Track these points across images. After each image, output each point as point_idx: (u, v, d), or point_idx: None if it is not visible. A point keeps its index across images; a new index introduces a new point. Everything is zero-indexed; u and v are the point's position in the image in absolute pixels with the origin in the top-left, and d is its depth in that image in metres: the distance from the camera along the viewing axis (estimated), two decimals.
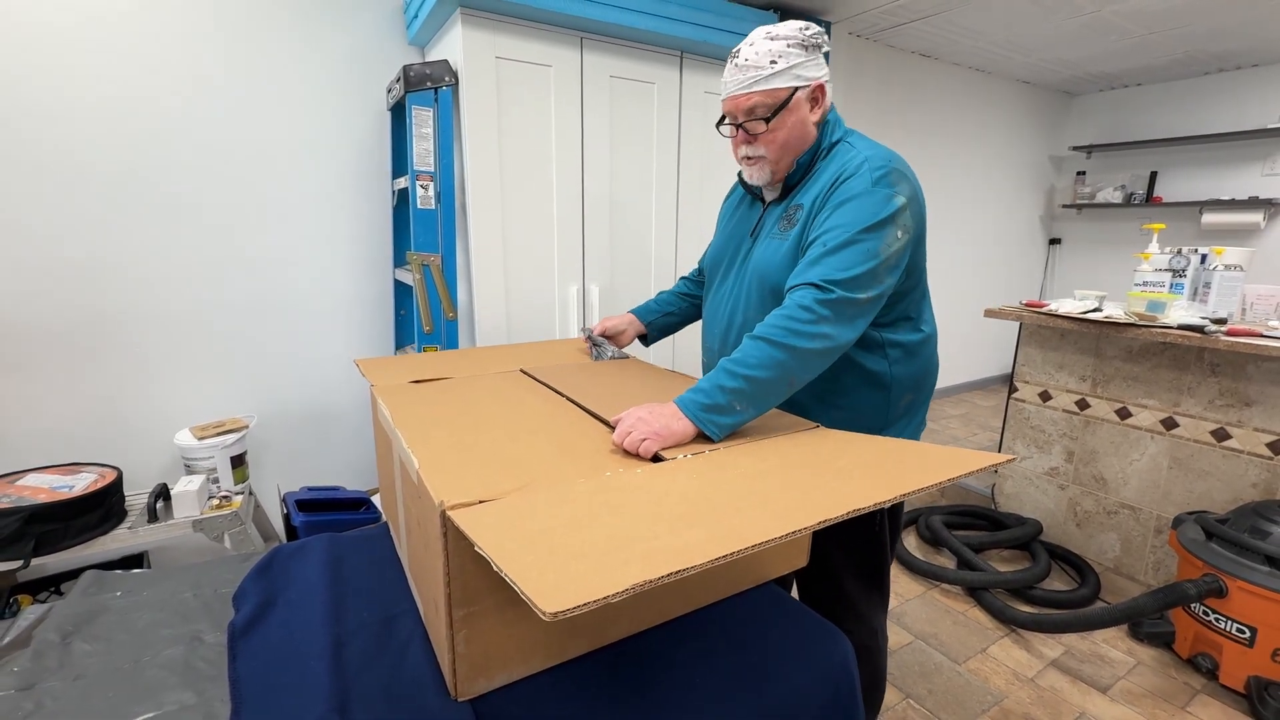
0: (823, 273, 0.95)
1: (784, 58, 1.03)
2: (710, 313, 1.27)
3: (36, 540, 1.46)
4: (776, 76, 1.03)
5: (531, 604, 0.47)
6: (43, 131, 1.71)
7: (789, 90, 1.04)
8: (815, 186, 1.07)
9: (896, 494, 0.68)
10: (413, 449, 0.82)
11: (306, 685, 0.76)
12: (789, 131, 1.07)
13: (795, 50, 1.03)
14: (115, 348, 1.89)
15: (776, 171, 1.12)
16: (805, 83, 1.05)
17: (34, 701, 0.75)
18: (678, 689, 0.78)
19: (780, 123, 1.06)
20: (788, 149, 1.08)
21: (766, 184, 1.15)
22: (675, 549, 0.57)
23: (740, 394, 0.91)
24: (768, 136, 1.07)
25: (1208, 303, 2.12)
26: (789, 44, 1.03)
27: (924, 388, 1.18)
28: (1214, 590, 1.70)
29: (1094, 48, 3.60)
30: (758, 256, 1.14)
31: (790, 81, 1.04)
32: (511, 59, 1.89)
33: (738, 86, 1.06)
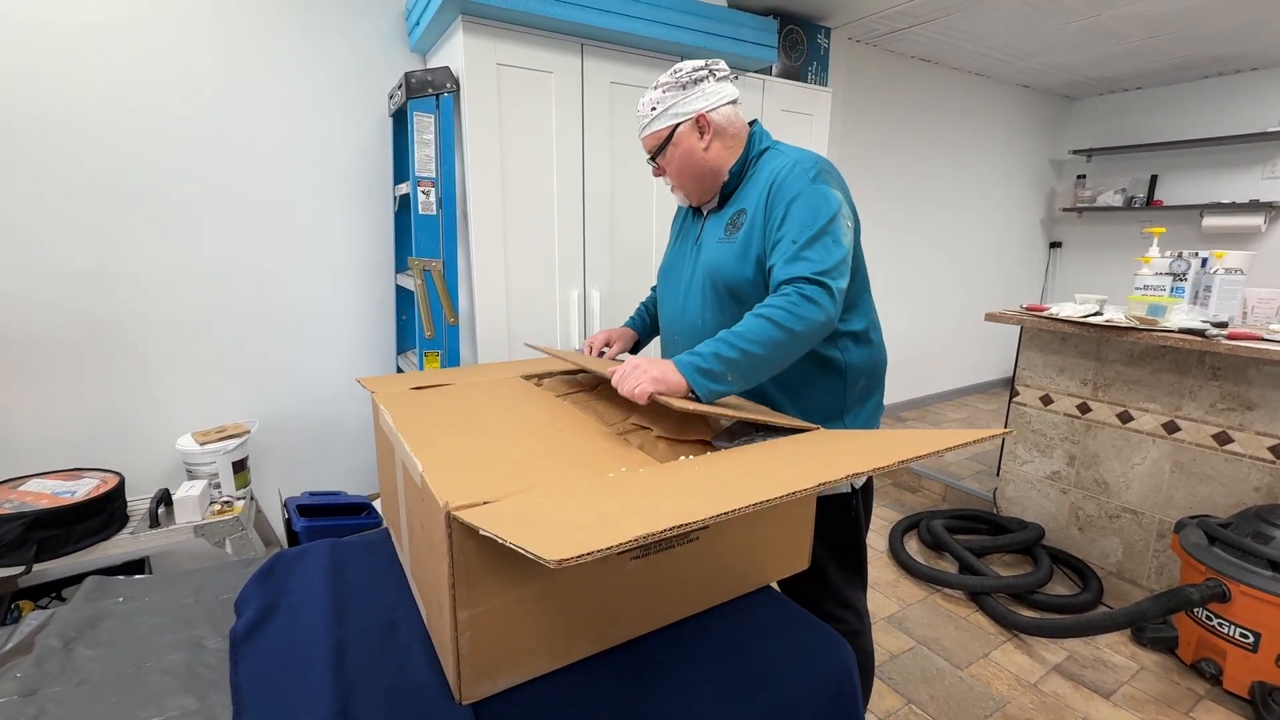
0: (810, 266, 1.03)
1: (661, 103, 1.18)
2: (666, 316, 1.38)
3: (38, 546, 1.46)
4: (656, 120, 1.20)
5: (536, 557, 0.48)
6: (45, 138, 1.73)
7: (669, 129, 1.19)
8: (753, 191, 1.17)
9: (894, 460, 0.69)
10: (415, 452, 0.82)
11: (308, 690, 0.76)
12: (680, 161, 1.21)
13: (671, 93, 1.18)
14: (117, 353, 1.89)
15: (690, 194, 1.26)
16: (684, 118, 1.18)
17: (37, 707, 0.75)
18: (679, 694, 0.78)
19: (669, 157, 1.21)
20: (685, 174, 1.22)
21: (689, 205, 1.30)
22: (677, 512, 0.58)
23: (734, 365, 0.98)
24: (667, 167, 1.23)
25: (1209, 306, 2.12)
26: (665, 90, 1.18)
27: (876, 373, 1.27)
28: (1217, 595, 1.69)
29: (1094, 52, 3.62)
30: (705, 259, 1.23)
31: (668, 121, 1.19)
32: (513, 65, 1.90)
33: (639, 133, 1.25)
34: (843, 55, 3.37)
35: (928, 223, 4.16)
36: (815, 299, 1.00)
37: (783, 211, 1.08)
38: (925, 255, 4.20)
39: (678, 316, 1.30)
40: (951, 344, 4.58)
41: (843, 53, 3.37)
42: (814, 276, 1.01)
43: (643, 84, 2.16)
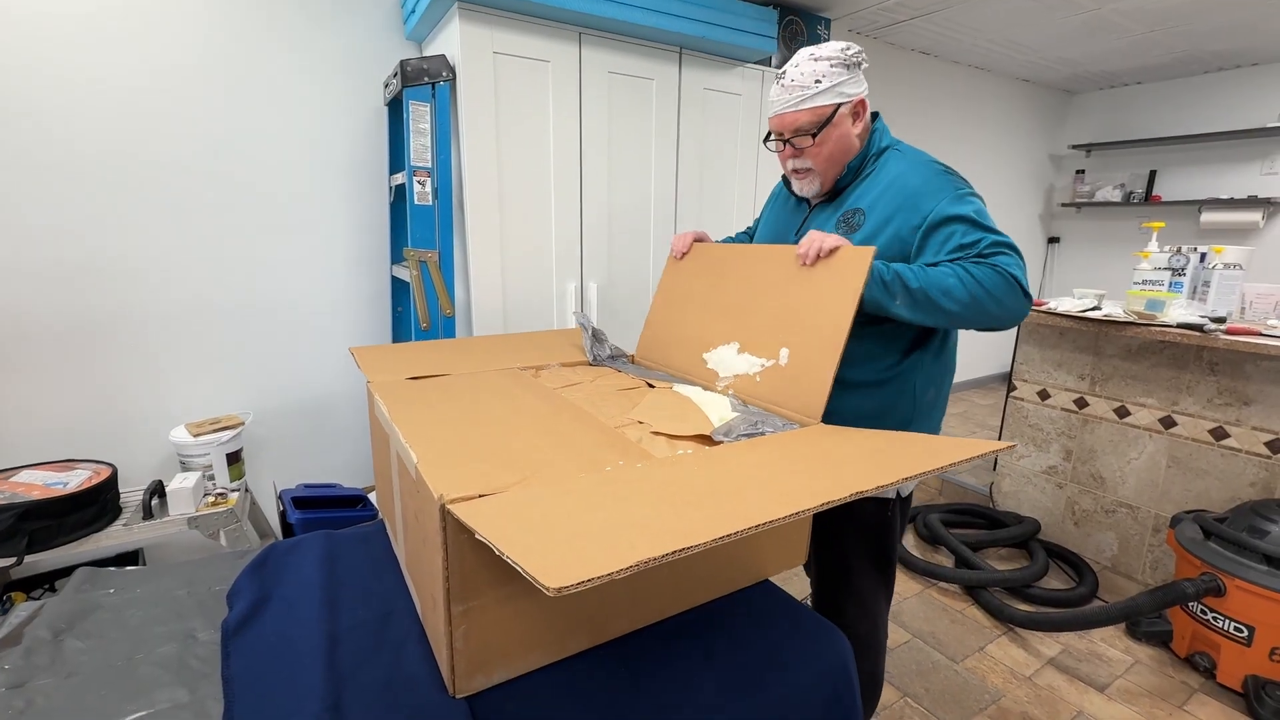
0: (1000, 242, 1.02)
1: (827, 77, 1.09)
2: None
3: (30, 537, 1.45)
4: (821, 95, 1.10)
5: (535, 581, 0.47)
6: (38, 129, 1.70)
7: (833, 106, 1.10)
8: (874, 191, 1.12)
9: (898, 478, 0.68)
10: (411, 444, 0.81)
11: (300, 683, 0.75)
12: (834, 145, 1.13)
13: (838, 69, 1.09)
14: (110, 344, 1.87)
15: (825, 182, 1.18)
16: (847, 99, 1.11)
17: (25, 699, 0.74)
18: (675, 688, 0.78)
19: (826, 136, 1.12)
20: (833, 161, 1.15)
21: (816, 195, 1.21)
22: (678, 529, 0.56)
23: (910, 294, 0.99)
24: (814, 150, 1.14)
25: (1207, 301, 2.11)
26: (831, 64, 1.09)
27: (945, 384, 1.23)
28: (1212, 589, 1.70)
29: (1094, 46, 3.60)
30: None
31: (834, 99, 1.10)
32: (509, 54, 1.88)
33: (784, 106, 1.12)
34: None
35: None
36: (1011, 285, 0.98)
37: (928, 226, 1.05)
38: None
39: None
40: None
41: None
42: (1010, 270, 0.99)
43: (641, 74, 2.14)
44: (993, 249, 1.01)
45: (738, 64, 2.36)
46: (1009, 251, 1.02)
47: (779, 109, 1.13)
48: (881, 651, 1.32)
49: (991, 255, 1.01)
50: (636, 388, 1.19)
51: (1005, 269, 0.99)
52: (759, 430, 0.92)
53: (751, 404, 1.08)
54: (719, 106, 2.36)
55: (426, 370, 1.22)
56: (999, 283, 0.98)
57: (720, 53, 2.28)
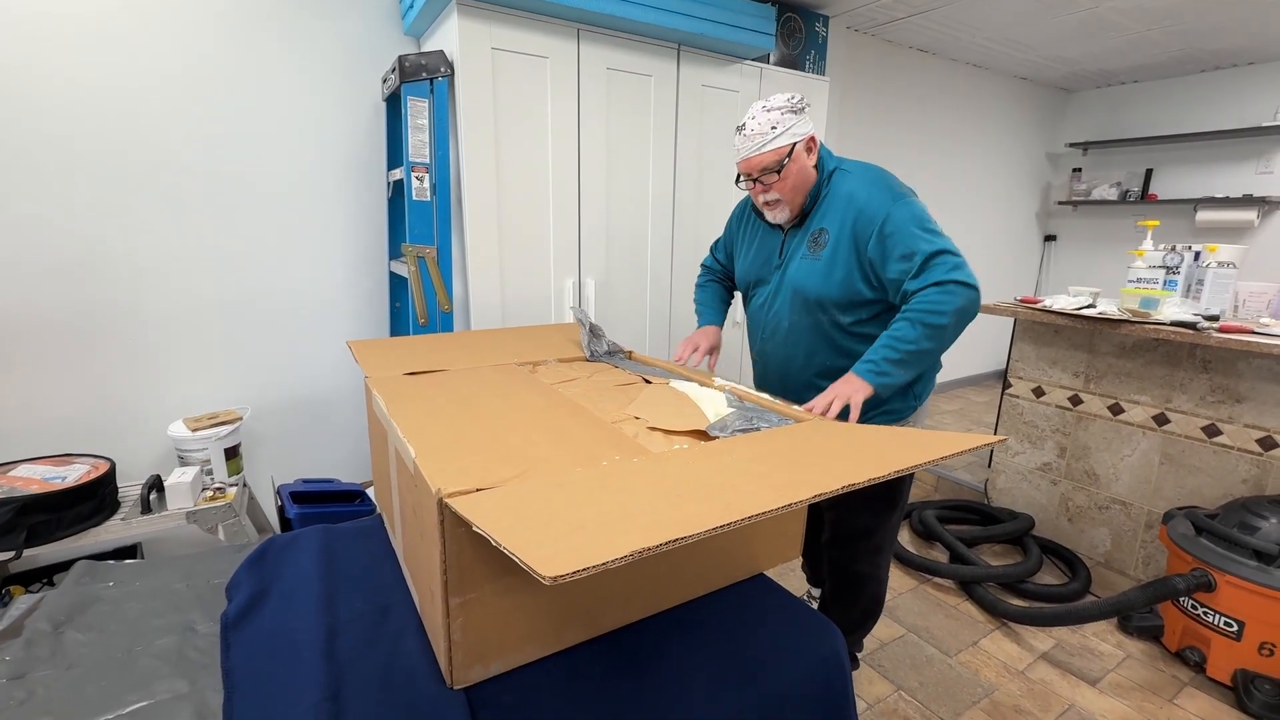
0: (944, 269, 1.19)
1: (781, 124, 1.30)
2: (755, 319, 1.56)
3: (29, 531, 1.45)
4: (778, 138, 1.30)
5: (531, 570, 0.48)
6: (37, 124, 1.70)
7: (790, 146, 1.32)
8: (832, 211, 1.34)
9: (891, 470, 0.69)
10: (409, 439, 0.81)
11: (300, 674, 0.76)
12: (796, 176, 1.34)
13: (788, 116, 1.30)
14: (108, 339, 1.87)
15: (793, 208, 1.38)
16: (800, 138, 1.32)
17: (26, 690, 0.75)
18: (670, 680, 0.79)
19: (788, 171, 1.33)
20: (797, 189, 1.36)
21: (787, 221, 1.42)
22: (673, 520, 0.57)
23: (900, 363, 1.20)
24: (780, 184, 1.34)
25: (1200, 299, 2.13)
26: (782, 112, 1.31)
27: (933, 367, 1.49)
28: (1203, 584, 1.71)
29: (1092, 44, 3.61)
30: (793, 275, 1.40)
31: (789, 139, 1.31)
32: (508, 50, 1.88)
33: (749, 151, 1.33)
34: (841, 44, 3.35)
35: None
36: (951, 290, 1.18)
37: (886, 234, 1.25)
38: None
39: (765, 319, 1.50)
40: None
41: (841, 42, 3.35)
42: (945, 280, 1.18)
43: (639, 70, 2.14)
44: (927, 263, 1.20)
45: (736, 61, 2.36)
46: (942, 255, 1.20)
47: (745, 154, 1.33)
48: (884, 585, 1.60)
49: (925, 270, 1.20)
50: (633, 383, 1.19)
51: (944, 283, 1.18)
52: (754, 426, 0.93)
53: (747, 401, 1.09)
54: (717, 103, 2.36)
55: (424, 365, 1.23)
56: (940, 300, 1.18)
57: (719, 49, 2.28)
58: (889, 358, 1.21)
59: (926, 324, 1.19)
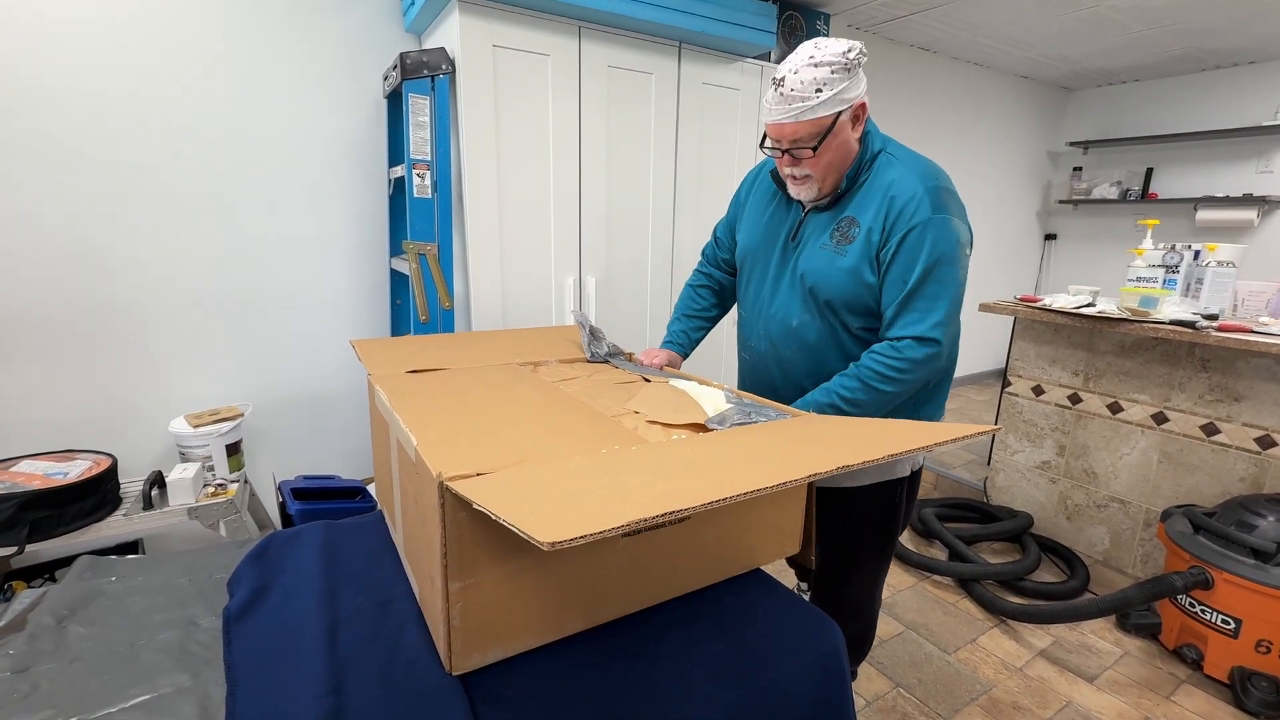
0: (918, 323, 1.07)
1: (828, 85, 1.03)
2: (752, 309, 1.31)
3: (31, 526, 1.46)
4: (822, 105, 1.04)
5: (529, 538, 0.48)
6: (39, 121, 1.70)
7: (833, 116, 1.06)
8: (869, 201, 1.12)
9: (884, 454, 0.69)
10: (411, 429, 0.82)
11: (301, 667, 0.77)
12: (835, 152, 1.10)
13: (839, 75, 1.04)
14: (111, 336, 1.88)
15: (824, 190, 1.16)
16: (847, 105, 1.06)
17: (30, 684, 0.76)
18: (668, 673, 0.79)
19: (827, 146, 1.08)
20: (833, 168, 1.12)
21: (814, 200, 1.18)
22: (671, 494, 0.58)
23: (842, 414, 1.08)
24: (814, 160, 1.10)
25: (1200, 299, 2.13)
26: (833, 69, 1.03)
27: (948, 373, 1.25)
28: (1200, 582, 1.72)
29: (1093, 43, 3.61)
30: (808, 264, 1.17)
31: (835, 107, 1.05)
32: (509, 47, 1.88)
33: (784, 116, 1.07)
34: None
35: None
36: (915, 358, 1.06)
37: (898, 241, 1.07)
38: None
39: (766, 313, 1.26)
40: None
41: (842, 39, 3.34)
42: (921, 335, 1.06)
43: (641, 68, 2.14)
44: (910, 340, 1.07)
45: (737, 59, 2.36)
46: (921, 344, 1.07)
47: (778, 118, 1.08)
48: (873, 617, 1.42)
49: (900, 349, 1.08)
50: (633, 382, 1.20)
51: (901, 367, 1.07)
52: (752, 420, 0.93)
53: (746, 398, 1.10)
54: (718, 101, 2.36)
55: (426, 363, 1.23)
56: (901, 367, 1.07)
57: (719, 47, 2.28)
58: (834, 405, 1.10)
59: (876, 387, 1.08)
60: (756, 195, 1.33)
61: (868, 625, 1.41)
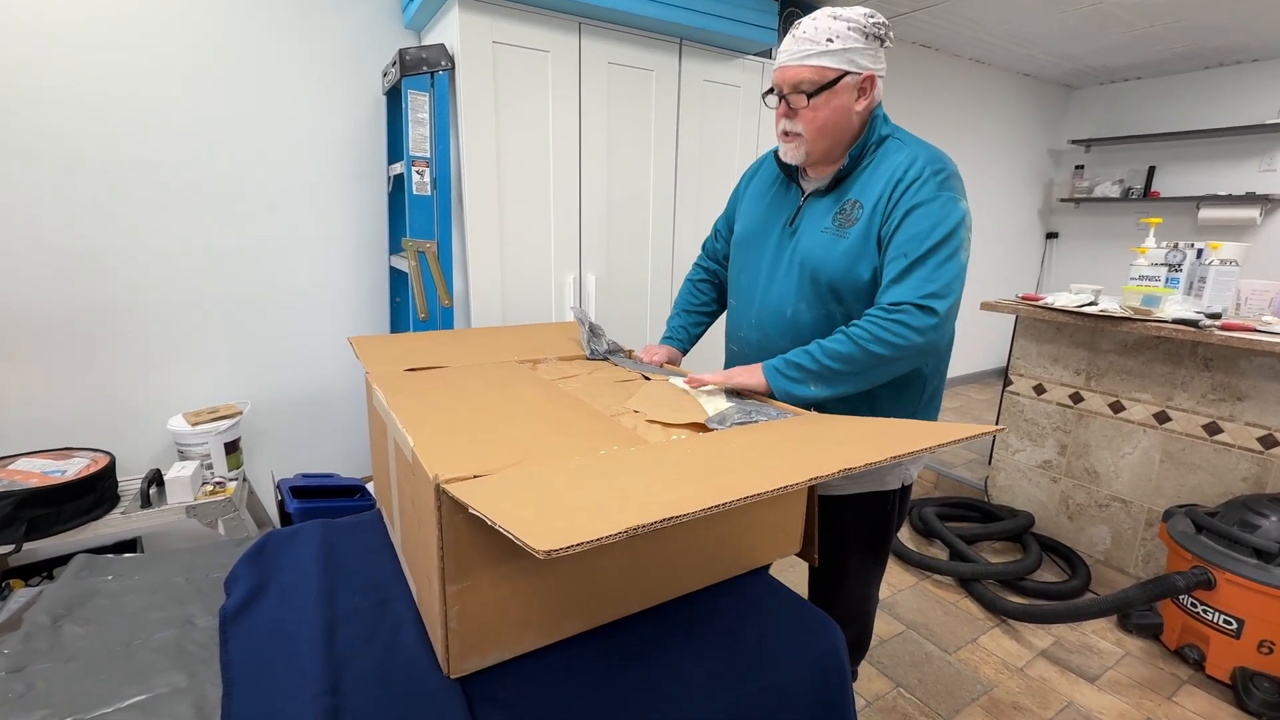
0: (915, 289, 1.00)
1: (841, 39, 1.02)
2: (744, 297, 1.25)
3: (28, 525, 1.45)
4: (828, 55, 1.03)
5: (525, 545, 0.47)
6: (38, 120, 1.69)
7: (838, 72, 1.04)
8: (874, 185, 1.08)
9: (887, 455, 0.69)
10: (408, 429, 0.81)
11: (299, 667, 0.76)
12: (830, 114, 1.06)
13: (854, 34, 1.03)
14: (109, 334, 1.87)
15: (811, 154, 1.11)
16: (857, 69, 1.04)
17: (25, 683, 0.75)
18: (667, 673, 0.79)
19: (822, 103, 1.05)
20: (825, 132, 1.08)
21: (800, 164, 1.15)
22: (669, 501, 0.57)
23: (813, 375, 1.02)
24: (808, 114, 1.07)
25: (1203, 297, 2.12)
26: (849, 26, 1.03)
27: (942, 374, 1.23)
28: (1202, 582, 1.71)
29: (1095, 40, 3.59)
30: (807, 249, 1.13)
31: (841, 64, 1.03)
32: (509, 44, 1.87)
33: (789, 58, 1.06)
34: None
35: None
36: (911, 323, 0.99)
37: (900, 217, 1.03)
38: None
39: (760, 301, 1.21)
40: None
41: None
42: (918, 301, 0.99)
43: (641, 65, 2.13)
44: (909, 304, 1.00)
45: (738, 55, 2.35)
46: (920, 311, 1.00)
47: (784, 60, 1.06)
48: (871, 617, 1.39)
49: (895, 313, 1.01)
50: (632, 380, 1.19)
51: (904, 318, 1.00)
52: (753, 419, 0.93)
53: (746, 395, 1.09)
54: (719, 98, 2.35)
55: (424, 361, 1.22)
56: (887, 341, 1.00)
57: (720, 44, 2.27)
58: (802, 364, 1.03)
59: (866, 348, 1.00)
60: (757, 185, 1.30)
61: (864, 628, 1.39)
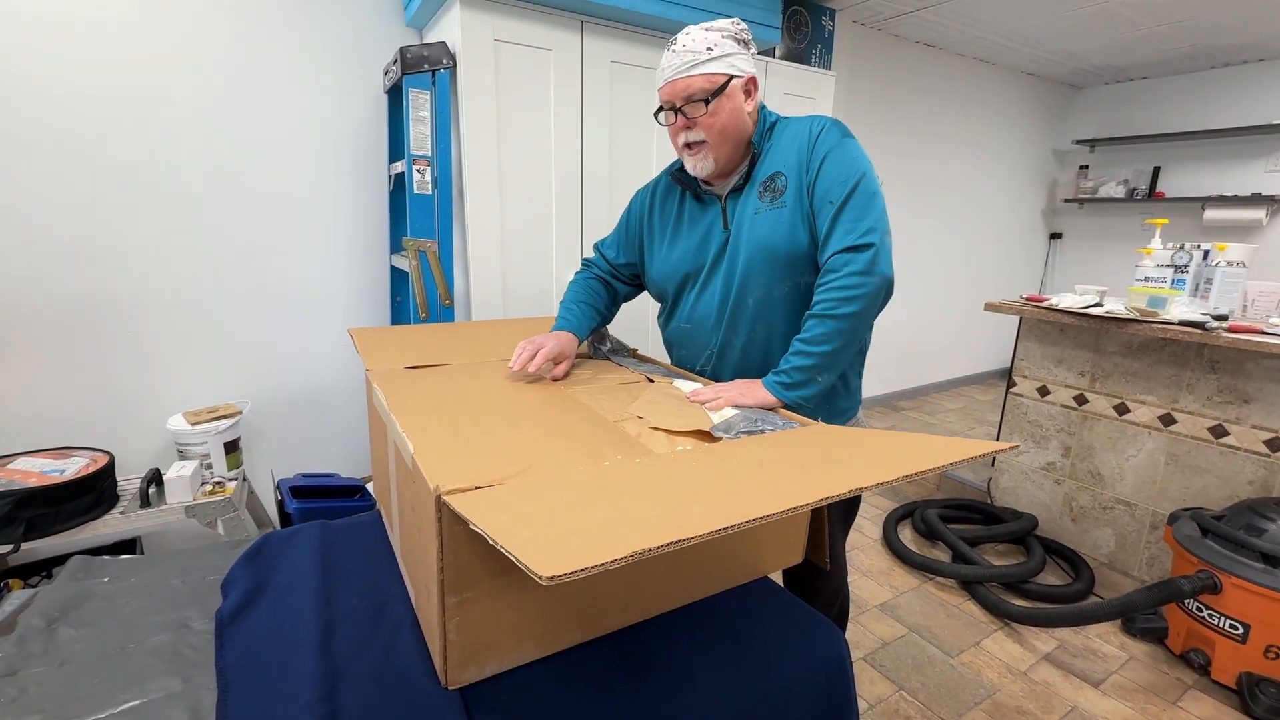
0: (851, 232, 1.03)
1: (719, 46, 1.08)
2: (697, 328, 1.23)
3: (27, 524, 1.44)
4: (713, 62, 1.08)
5: (528, 570, 0.46)
6: (37, 117, 1.68)
7: (725, 77, 1.08)
8: (786, 153, 1.11)
9: (898, 475, 0.67)
10: (408, 434, 0.80)
11: (295, 672, 0.75)
12: (727, 116, 1.10)
13: (729, 41, 1.09)
14: (108, 333, 1.87)
15: (719, 159, 1.13)
16: (740, 73, 1.10)
17: (17, 688, 0.74)
18: (669, 681, 0.77)
19: (719, 107, 1.09)
20: (726, 134, 1.11)
21: (708, 175, 1.15)
22: (675, 523, 0.56)
23: (814, 369, 1.04)
24: (706, 120, 1.09)
25: (1209, 299, 2.11)
26: (724, 35, 1.09)
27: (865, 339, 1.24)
28: (1208, 587, 1.70)
29: (1100, 40, 3.57)
30: (753, 236, 1.12)
31: (726, 69, 1.08)
32: (511, 42, 1.86)
33: (676, 71, 1.09)
34: (847, 38, 3.32)
35: (927, 211, 4.14)
36: (857, 269, 1.02)
37: (819, 164, 1.07)
38: (924, 244, 4.18)
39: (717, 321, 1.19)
40: (949, 334, 4.57)
41: (847, 36, 3.32)
42: (854, 243, 1.02)
43: (644, 64, 2.12)
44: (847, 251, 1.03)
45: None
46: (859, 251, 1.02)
47: (671, 75, 1.09)
48: (844, 573, 1.37)
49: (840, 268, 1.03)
50: (636, 382, 1.18)
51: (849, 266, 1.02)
52: (759, 428, 0.91)
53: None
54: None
55: (425, 357, 1.21)
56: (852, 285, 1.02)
57: None
58: (800, 365, 1.04)
59: (839, 313, 1.02)
60: (660, 212, 1.28)
61: (845, 595, 1.38)
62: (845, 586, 1.38)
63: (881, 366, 4.15)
